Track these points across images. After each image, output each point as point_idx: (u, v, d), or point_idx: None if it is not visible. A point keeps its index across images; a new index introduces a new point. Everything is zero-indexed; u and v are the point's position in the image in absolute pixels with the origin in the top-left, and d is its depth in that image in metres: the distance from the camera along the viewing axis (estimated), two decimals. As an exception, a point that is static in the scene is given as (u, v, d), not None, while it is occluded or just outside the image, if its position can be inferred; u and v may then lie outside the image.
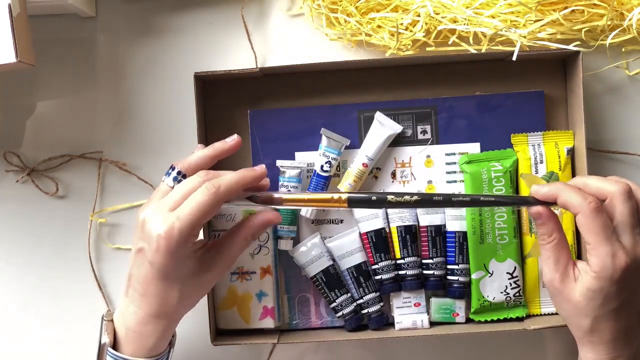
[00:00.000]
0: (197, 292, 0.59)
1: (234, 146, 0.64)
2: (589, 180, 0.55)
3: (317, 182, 0.71)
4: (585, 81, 0.71)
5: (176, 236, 0.53)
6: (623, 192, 0.53)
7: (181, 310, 0.59)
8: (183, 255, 0.55)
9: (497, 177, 0.70)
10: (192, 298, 0.59)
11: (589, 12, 0.71)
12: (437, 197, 0.56)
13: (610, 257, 0.51)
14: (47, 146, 0.76)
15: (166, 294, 0.56)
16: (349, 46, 0.75)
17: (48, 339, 0.76)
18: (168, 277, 0.56)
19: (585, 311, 0.53)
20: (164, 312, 0.57)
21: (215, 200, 0.55)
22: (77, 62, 0.76)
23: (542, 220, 0.56)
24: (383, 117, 0.72)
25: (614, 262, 0.51)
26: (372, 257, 0.72)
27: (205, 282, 0.58)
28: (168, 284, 0.56)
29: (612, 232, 0.52)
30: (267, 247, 0.71)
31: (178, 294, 0.56)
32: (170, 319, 0.58)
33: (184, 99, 0.73)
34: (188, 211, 0.54)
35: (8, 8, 0.61)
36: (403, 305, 0.72)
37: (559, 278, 0.55)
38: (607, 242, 0.52)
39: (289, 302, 0.74)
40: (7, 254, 0.76)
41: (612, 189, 0.53)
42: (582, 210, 0.52)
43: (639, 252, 0.52)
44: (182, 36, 0.76)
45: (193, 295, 0.59)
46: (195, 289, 0.58)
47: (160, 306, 0.57)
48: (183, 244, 0.54)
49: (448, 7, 0.69)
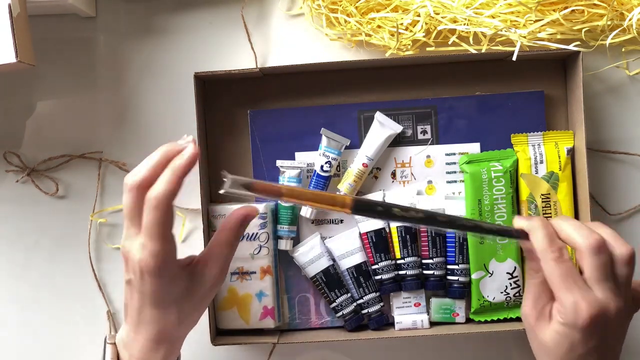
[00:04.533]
0: (197, 309, 0.56)
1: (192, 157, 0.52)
2: (564, 225, 0.53)
3: (317, 182, 0.71)
4: (585, 81, 0.71)
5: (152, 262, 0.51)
6: (591, 248, 0.51)
7: (183, 330, 0.56)
8: (170, 276, 0.52)
9: (497, 177, 0.70)
10: (193, 316, 0.56)
11: (589, 12, 0.71)
12: (442, 218, 0.55)
13: (573, 307, 0.51)
14: (47, 146, 0.76)
15: (164, 319, 0.54)
16: (349, 46, 0.75)
17: (48, 338, 0.76)
18: (162, 302, 0.53)
19: (551, 354, 0.53)
20: (165, 337, 0.55)
21: (162, 211, 0.50)
22: (77, 62, 0.76)
23: (531, 256, 0.55)
24: (383, 117, 0.72)
25: (577, 311, 0.51)
26: (372, 257, 0.72)
27: (201, 297, 0.55)
28: (164, 309, 0.54)
29: (574, 280, 0.51)
30: (267, 247, 0.71)
31: (176, 317, 0.54)
32: (172, 342, 0.56)
33: (184, 99, 0.73)
34: (146, 235, 0.51)
35: (8, 8, 0.61)
36: (403, 305, 0.72)
37: (534, 316, 0.54)
38: (569, 291, 0.51)
39: (289, 302, 0.74)
40: (7, 254, 0.76)
41: (580, 242, 0.52)
42: (545, 257, 0.52)
43: (606, 304, 0.51)
44: (182, 36, 0.76)
45: (193, 313, 0.56)
46: (193, 306, 0.55)
47: (160, 332, 0.55)
48: (164, 266, 0.51)
49: (448, 7, 0.69)
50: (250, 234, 0.71)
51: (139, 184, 0.51)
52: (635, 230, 0.75)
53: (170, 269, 0.52)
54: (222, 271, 0.56)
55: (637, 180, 0.74)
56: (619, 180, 0.74)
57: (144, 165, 0.52)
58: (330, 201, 0.52)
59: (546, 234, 0.53)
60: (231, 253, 0.56)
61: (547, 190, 0.71)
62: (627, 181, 0.74)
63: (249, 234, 0.71)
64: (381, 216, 0.55)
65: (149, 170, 0.52)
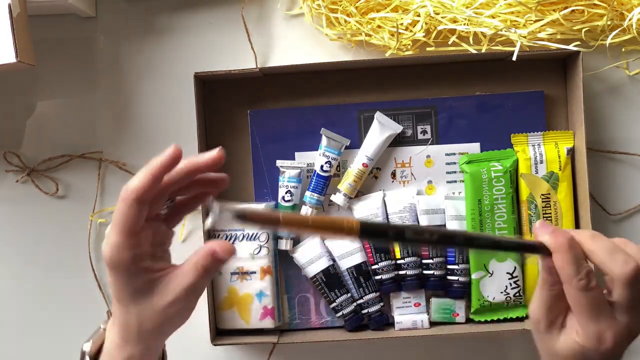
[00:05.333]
0: (156, 319, 0.53)
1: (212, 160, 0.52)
2: (598, 248, 0.49)
3: (317, 182, 0.71)
4: (585, 81, 0.71)
5: (108, 252, 0.51)
6: (627, 279, 0.48)
7: (145, 339, 0.54)
8: (127, 272, 0.51)
9: (497, 177, 0.70)
10: (153, 326, 0.53)
11: (589, 12, 0.70)
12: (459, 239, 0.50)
13: (596, 337, 0.49)
14: (47, 146, 0.76)
15: (125, 317, 0.54)
16: (349, 46, 0.75)
17: (48, 338, 0.76)
18: (121, 298, 0.53)
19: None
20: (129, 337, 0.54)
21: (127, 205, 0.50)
22: (77, 62, 0.76)
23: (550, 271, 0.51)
24: (383, 117, 0.72)
25: (600, 340, 0.49)
26: (372, 257, 0.72)
27: (162, 308, 0.53)
28: (123, 306, 0.54)
29: (601, 310, 0.49)
30: (267, 247, 0.71)
31: (135, 318, 0.53)
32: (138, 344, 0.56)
33: (184, 99, 0.73)
34: (111, 226, 0.52)
35: (8, 8, 0.61)
36: (403, 305, 0.72)
37: (545, 324, 0.52)
38: (594, 322, 0.49)
39: (289, 302, 0.74)
40: (7, 254, 0.76)
41: (617, 271, 0.48)
42: (571, 284, 0.49)
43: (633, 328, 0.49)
44: (182, 36, 0.76)
45: (152, 321, 0.53)
46: (154, 314, 0.53)
47: (124, 331, 0.54)
48: (119, 259, 0.51)
49: (448, 7, 0.69)
50: (250, 234, 0.71)
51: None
52: (635, 230, 0.74)
53: (127, 265, 0.51)
54: (183, 292, 0.52)
55: (637, 180, 0.74)
56: (619, 180, 0.74)
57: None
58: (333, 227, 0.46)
59: (573, 258, 0.49)
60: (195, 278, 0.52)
61: (547, 190, 0.71)
62: (627, 181, 0.74)
63: (249, 234, 0.71)
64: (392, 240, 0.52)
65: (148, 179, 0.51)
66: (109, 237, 0.52)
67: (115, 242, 0.51)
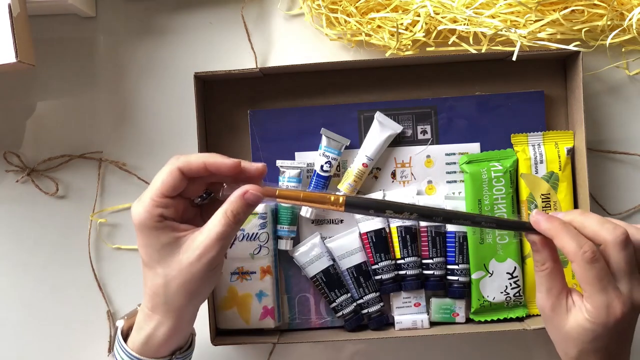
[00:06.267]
0: (182, 277, 0.54)
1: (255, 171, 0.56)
2: (587, 221, 0.53)
3: (317, 182, 0.71)
4: (585, 81, 0.71)
5: (138, 208, 0.53)
6: (619, 242, 0.52)
7: (173, 304, 0.55)
8: (151, 227, 0.53)
9: (497, 177, 0.70)
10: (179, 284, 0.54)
11: (589, 12, 0.71)
12: (437, 218, 0.55)
13: (605, 308, 0.51)
14: (47, 146, 0.76)
15: (152, 282, 0.54)
16: (349, 46, 0.75)
17: (48, 338, 0.76)
18: (148, 261, 0.54)
19: (574, 342, 0.53)
20: (156, 306, 0.55)
21: (171, 169, 0.53)
22: (77, 62, 0.76)
23: (536, 247, 0.55)
24: (383, 117, 0.72)
25: (609, 312, 0.51)
26: (372, 257, 0.72)
27: (186, 262, 0.53)
28: (150, 269, 0.54)
29: (607, 281, 0.51)
30: (267, 247, 0.71)
31: (162, 279, 0.54)
32: (164, 316, 0.56)
33: (184, 99, 0.73)
34: (150, 185, 0.54)
35: (8, 8, 0.61)
36: (403, 305, 0.72)
37: (550, 306, 0.54)
38: (602, 293, 0.51)
39: (289, 302, 0.74)
40: (7, 254, 0.76)
41: (608, 237, 0.52)
42: (577, 260, 0.52)
43: (636, 297, 0.52)
44: (182, 36, 0.76)
45: (178, 279, 0.54)
46: (179, 272, 0.54)
47: (151, 298, 0.55)
48: (146, 216, 0.53)
49: (448, 7, 0.69)
50: (250, 234, 0.71)
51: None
52: (635, 230, 0.75)
53: (153, 221, 0.53)
54: (212, 241, 0.53)
55: (637, 180, 0.74)
56: (619, 180, 0.74)
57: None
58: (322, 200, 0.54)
59: (572, 236, 0.52)
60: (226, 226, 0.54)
61: (547, 190, 0.71)
62: (627, 181, 0.74)
63: (249, 234, 0.71)
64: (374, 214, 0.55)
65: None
66: (141, 197, 0.54)
67: (145, 201, 0.53)
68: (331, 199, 0.54)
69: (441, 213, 0.55)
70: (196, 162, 0.54)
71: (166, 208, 0.54)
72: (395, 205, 0.54)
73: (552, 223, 0.54)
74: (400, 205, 0.54)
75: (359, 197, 0.59)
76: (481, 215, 0.57)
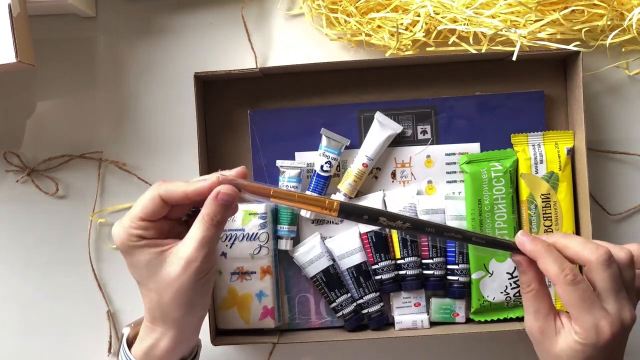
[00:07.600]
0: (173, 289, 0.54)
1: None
2: (570, 243, 0.53)
3: (317, 182, 0.71)
4: (585, 81, 0.71)
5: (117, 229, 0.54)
6: (602, 261, 0.51)
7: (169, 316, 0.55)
8: (131, 247, 0.54)
9: (497, 177, 0.70)
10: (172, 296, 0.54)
11: (589, 12, 0.71)
12: (430, 229, 0.54)
13: (594, 329, 0.51)
14: (47, 146, 0.76)
15: (147, 297, 0.55)
16: (349, 46, 0.75)
17: (48, 338, 0.76)
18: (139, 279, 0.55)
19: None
20: (154, 319, 0.56)
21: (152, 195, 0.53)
22: (77, 62, 0.76)
23: (522, 268, 0.55)
24: (383, 117, 0.72)
25: (598, 332, 0.51)
26: (372, 257, 0.72)
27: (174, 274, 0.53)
28: (143, 286, 0.55)
29: (592, 301, 0.51)
30: (267, 247, 0.71)
31: (155, 293, 0.54)
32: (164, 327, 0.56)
33: (184, 99, 0.73)
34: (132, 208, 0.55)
35: (8, 8, 0.61)
36: (403, 305, 0.72)
37: (538, 329, 0.54)
38: (588, 313, 0.51)
39: (289, 302, 0.74)
40: (7, 254, 0.76)
41: (591, 257, 0.52)
42: (559, 282, 0.51)
43: (625, 317, 0.52)
44: (182, 36, 0.76)
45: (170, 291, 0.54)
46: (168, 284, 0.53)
47: (149, 312, 0.55)
48: (125, 237, 0.53)
49: (448, 7, 0.69)
50: (250, 234, 0.71)
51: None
52: (635, 230, 0.74)
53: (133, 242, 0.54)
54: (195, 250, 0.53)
55: (637, 180, 0.74)
56: (619, 180, 0.74)
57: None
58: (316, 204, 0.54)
59: (554, 258, 0.52)
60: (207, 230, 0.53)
61: (547, 190, 0.71)
62: (627, 181, 0.74)
63: (249, 234, 0.71)
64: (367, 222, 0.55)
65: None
66: (122, 219, 0.54)
67: (125, 223, 0.54)
68: (325, 202, 0.54)
69: (433, 225, 0.55)
70: (177, 192, 0.53)
71: (146, 230, 0.54)
72: (389, 214, 0.54)
73: (536, 245, 0.53)
74: (394, 214, 0.54)
75: (353, 203, 0.58)
76: (472, 232, 0.56)
